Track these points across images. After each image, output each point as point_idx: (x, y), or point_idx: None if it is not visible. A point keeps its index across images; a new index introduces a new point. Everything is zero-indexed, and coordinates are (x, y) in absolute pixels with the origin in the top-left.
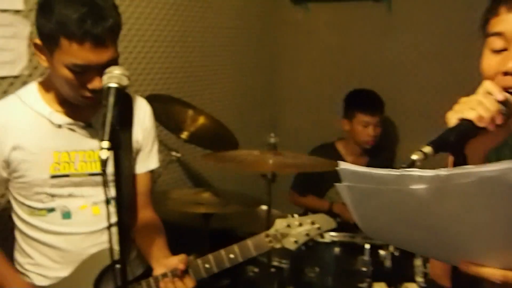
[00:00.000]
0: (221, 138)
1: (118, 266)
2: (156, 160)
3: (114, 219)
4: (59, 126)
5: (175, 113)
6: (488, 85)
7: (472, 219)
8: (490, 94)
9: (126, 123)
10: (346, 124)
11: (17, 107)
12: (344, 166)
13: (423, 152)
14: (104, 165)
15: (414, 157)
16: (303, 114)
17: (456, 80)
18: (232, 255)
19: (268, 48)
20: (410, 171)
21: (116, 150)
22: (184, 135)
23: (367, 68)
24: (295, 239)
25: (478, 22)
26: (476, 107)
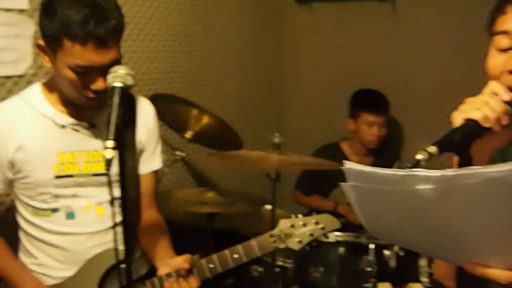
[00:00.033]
0: (225, 138)
1: (123, 266)
2: (160, 161)
3: (119, 218)
4: (63, 126)
5: (179, 112)
6: (494, 85)
7: (478, 219)
8: (496, 94)
9: (130, 123)
10: (351, 124)
11: (21, 108)
12: (350, 166)
13: (428, 152)
14: (109, 164)
15: (418, 157)
16: (307, 114)
17: (462, 80)
18: (236, 255)
19: (272, 48)
20: (415, 171)
21: (121, 149)
22: (188, 134)
23: (371, 68)
24: (299, 239)
25: (483, 20)
26: (481, 107)
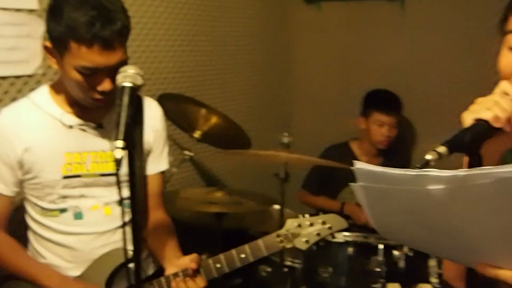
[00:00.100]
0: (234, 138)
1: (131, 265)
2: (167, 162)
3: (127, 218)
4: (70, 127)
5: (188, 112)
6: (505, 85)
7: (490, 220)
8: (507, 94)
9: (137, 124)
10: (363, 123)
11: (28, 109)
12: (360, 166)
13: (438, 152)
14: (119, 164)
15: (428, 157)
16: (316, 113)
17: (472, 80)
18: (243, 255)
19: (280, 47)
20: (427, 171)
21: (131, 149)
22: (197, 134)
23: (380, 67)
24: (306, 239)
25: (494, 19)
26: (492, 108)
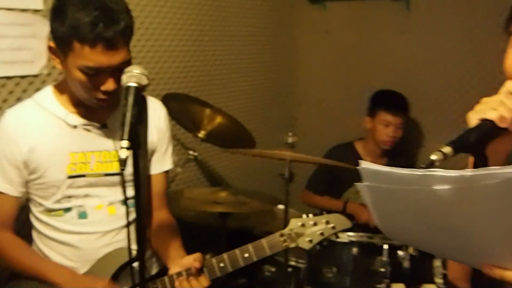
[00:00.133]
0: (238, 137)
1: (136, 264)
2: (171, 162)
3: (131, 218)
4: (75, 126)
5: (193, 112)
6: (511, 85)
7: (496, 221)
8: None
9: (142, 123)
10: (369, 122)
11: (33, 109)
12: (365, 166)
13: (443, 153)
14: (124, 164)
15: (433, 157)
16: (321, 113)
17: (477, 80)
18: (246, 254)
19: (285, 47)
20: (433, 171)
21: (135, 149)
22: (201, 134)
23: (385, 67)
24: (309, 239)
25: (499, 19)
26: (497, 108)
